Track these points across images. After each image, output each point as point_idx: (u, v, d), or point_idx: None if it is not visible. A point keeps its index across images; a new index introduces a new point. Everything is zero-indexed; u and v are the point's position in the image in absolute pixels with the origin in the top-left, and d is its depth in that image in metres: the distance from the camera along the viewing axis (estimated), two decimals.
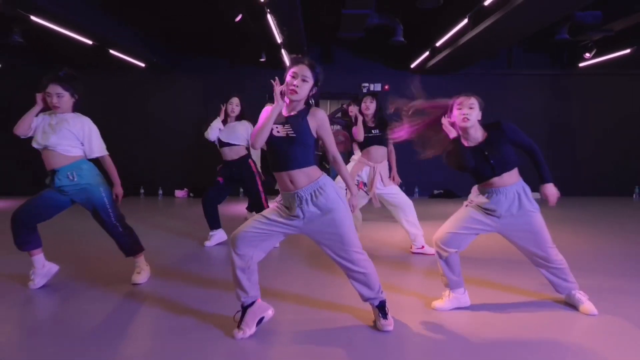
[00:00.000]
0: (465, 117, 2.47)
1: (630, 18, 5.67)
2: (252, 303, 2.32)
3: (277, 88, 2.20)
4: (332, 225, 2.21)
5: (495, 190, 2.52)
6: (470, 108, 2.48)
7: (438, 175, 8.22)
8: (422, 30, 6.85)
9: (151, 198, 8.55)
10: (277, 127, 2.20)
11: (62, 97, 2.93)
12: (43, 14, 5.11)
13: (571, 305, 2.65)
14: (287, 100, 2.23)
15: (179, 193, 8.76)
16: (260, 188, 4.31)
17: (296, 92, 2.18)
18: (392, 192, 4.03)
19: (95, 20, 5.87)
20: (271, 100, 2.26)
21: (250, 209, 5.87)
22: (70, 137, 2.92)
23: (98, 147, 3.04)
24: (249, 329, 2.29)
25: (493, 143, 2.49)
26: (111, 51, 6.84)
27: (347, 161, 5.79)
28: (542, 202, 2.60)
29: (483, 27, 5.28)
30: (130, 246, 3.18)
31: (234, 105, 4.28)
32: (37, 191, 3.05)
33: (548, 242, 2.54)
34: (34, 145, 2.98)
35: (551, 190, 2.54)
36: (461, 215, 2.62)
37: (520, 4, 4.49)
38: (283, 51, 6.96)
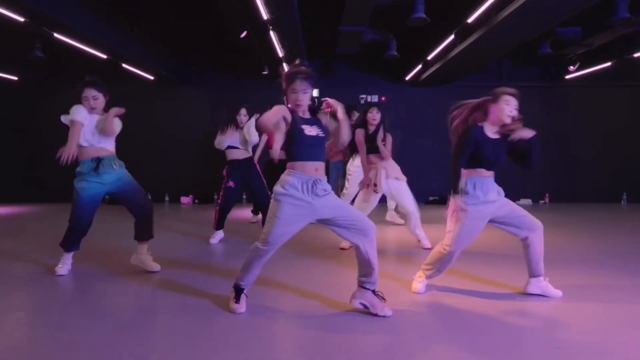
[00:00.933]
0: (512, 114, 2.71)
1: (607, 34, 6.09)
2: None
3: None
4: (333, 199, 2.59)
5: (484, 180, 2.78)
6: (516, 109, 2.73)
7: (434, 182, 8.58)
8: (414, 44, 7.28)
9: (158, 204, 8.91)
10: (308, 129, 2.51)
11: (97, 98, 3.31)
12: (64, 31, 5.56)
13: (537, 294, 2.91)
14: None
15: (185, 200, 9.13)
16: (266, 185, 4.60)
17: (300, 106, 2.53)
18: (397, 191, 4.34)
19: (109, 36, 6.33)
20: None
21: (255, 211, 6.22)
22: (112, 137, 3.38)
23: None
24: (242, 307, 2.64)
25: (503, 145, 2.78)
26: (123, 65, 7.29)
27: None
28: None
29: (468, 43, 5.70)
30: (150, 227, 3.52)
31: (242, 115, 4.62)
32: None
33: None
34: (82, 142, 3.30)
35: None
36: (467, 229, 2.79)
37: (501, 20, 4.91)
38: (284, 65, 7.41)
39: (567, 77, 8.33)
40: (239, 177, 4.63)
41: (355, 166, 5.37)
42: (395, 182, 4.32)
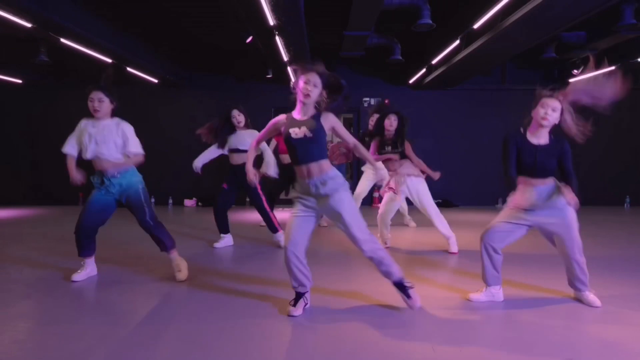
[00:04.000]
0: (546, 117, 2.66)
1: (612, 38, 6.10)
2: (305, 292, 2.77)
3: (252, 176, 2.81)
4: (336, 207, 2.61)
5: (532, 188, 2.77)
6: (554, 111, 2.66)
7: (436, 186, 8.56)
8: (418, 49, 7.30)
9: (161, 207, 8.93)
10: (294, 131, 2.60)
11: (103, 102, 3.27)
12: (70, 36, 5.57)
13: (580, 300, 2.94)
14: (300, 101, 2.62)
15: (188, 202, 9.14)
16: (261, 192, 4.66)
17: (309, 96, 2.56)
18: (416, 193, 4.39)
19: (114, 40, 6.34)
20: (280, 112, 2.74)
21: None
22: (113, 147, 3.32)
23: (134, 146, 3.37)
24: (298, 311, 2.71)
25: (549, 151, 2.74)
26: (128, 68, 7.30)
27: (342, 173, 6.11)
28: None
29: (473, 48, 5.71)
30: (166, 241, 3.50)
31: (237, 116, 4.62)
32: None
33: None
34: (87, 156, 3.32)
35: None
36: (505, 214, 2.89)
37: (507, 26, 4.92)
38: (289, 68, 7.43)
39: (571, 80, 8.33)
40: (234, 179, 4.67)
41: (367, 167, 5.56)
42: (412, 182, 4.36)
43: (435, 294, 3.16)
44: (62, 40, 5.56)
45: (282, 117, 2.71)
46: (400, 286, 2.77)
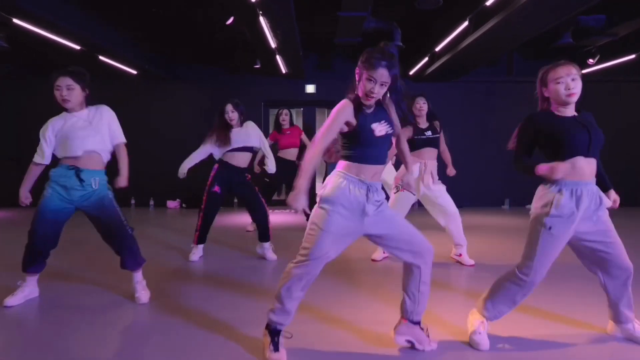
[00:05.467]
0: (572, 92, 2.07)
1: (636, 22, 5.48)
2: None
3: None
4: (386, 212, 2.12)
5: (576, 183, 2.08)
6: (573, 80, 2.08)
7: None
8: (420, 35, 6.67)
9: (142, 209, 8.28)
10: (377, 127, 2.04)
11: (73, 89, 2.72)
12: (26, 17, 4.90)
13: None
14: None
15: (171, 204, 8.49)
16: (259, 192, 4.10)
17: (373, 98, 2.01)
18: (438, 192, 3.89)
19: (83, 24, 5.66)
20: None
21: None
22: (100, 139, 2.77)
23: (120, 133, 2.90)
24: (282, 356, 2.08)
25: (587, 120, 2.15)
26: (100, 57, 6.63)
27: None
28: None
29: (484, 30, 5.08)
30: (139, 254, 2.95)
31: (230, 112, 3.98)
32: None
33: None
34: (65, 155, 2.76)
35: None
36: (546, 243, 2.10)
37: (524, 3, 4.29)
38: (278, 57, 6.77)
39: (584, 71, 7.71)
40: (227, 183, 4.01)
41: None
42: (433, 188, 3.87)
43: (448, 323, 2.53)
44: (16, 21, 4.88)
45: (347, 105, 2.04)
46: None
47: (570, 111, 2.14)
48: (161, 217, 7.33)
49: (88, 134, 2.73)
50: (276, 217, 6.98)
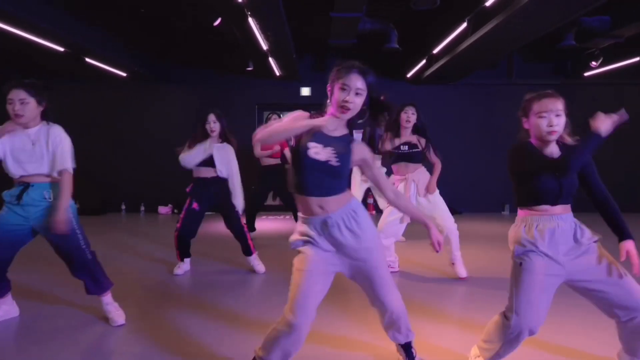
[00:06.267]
0: (553, 130, 1.82)
1: None
2: None
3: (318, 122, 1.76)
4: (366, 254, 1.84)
5: (544, 218, 1.88)
6: (557, 115, 1.84)
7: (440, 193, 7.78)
8: (418, 36, 6.46)
9: (133, 215, 8.07)
10: (316, 147, 1.77)
11: (27, 104, 2.48)
12: (8, 20, 4.70)
13: None
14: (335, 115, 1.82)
15: (163, 209, 8.27)
16: (240, 212, 3.86)
17: (349, 110, 1.76)
18: (432, 206, 3.65)
19: (65, 25, 5.44)
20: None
21: (250, 227, 5.46)
22: (42, 163, 2.53)
23: (65, 159, 2.57)
24: None
25: (565, 163, 1.84)
26: (87, 59, 6.42)
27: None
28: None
29: (484, 32, 4.87)
30: (102, 279, 2.71)
31: (212, 123, 3.72)
32: None
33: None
34: (11, 174, 2.55)
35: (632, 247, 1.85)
36: (531, 285, 1.86)
37: (525, 4, 4.09)
38: (270, 59, 6.56)
39: (587, 74, 7.51)
40: (205, 198, 3.77)
41: (356, 171, 4.65)
42: (424, 199, 3.65)
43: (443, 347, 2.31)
44: None
45: (304, 115, 1.85)
46: (408, 349, 2.07)
47: (550, 148, 1.90)
48: (152, 224, 7.11)
49: (29, 159, 2.51)
50: (268, 224, 6.77)
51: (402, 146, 3.66)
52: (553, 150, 1.90)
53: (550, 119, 1.82)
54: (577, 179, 1.89)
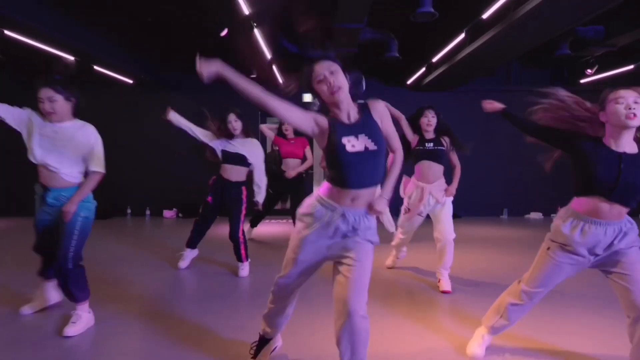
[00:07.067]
0: (633, 112, 1.86)
1: (635, 33, 5.43)
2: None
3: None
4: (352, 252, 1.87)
5: (595, 221, 1.95)
6: (636, 102, 1.89)
7: None
8: (417, 45, 6.62)
9: (138, 219, 8.22)
10: (349, 141, 1.80)
11: (55, 101, 2.57)
12: (19, 29, 4.87)
13: None
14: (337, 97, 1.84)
15: (168, 213, 8.43)
16: (243, 218, 4.02)
17: (340, 88, 1.80)
18: (439, 215, 3.58)
19: (76, 35, 5.63)
20: (325, 111, 1.92)
21: (254, 223, 5.68)
22: (73, 157, 2.63)
23: (99, 162, 2.69)
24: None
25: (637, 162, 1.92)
26: (96, 67, 6.59)
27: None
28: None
29: (481, 42, 5.03)
30: (75, 292, 2.68)
31: (233, 122, 3.95)
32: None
33: None
34: (30, 158, 2.63)
35: None
36: (544, 266, 2.10)
37: (521, 17, 4.25)
38: (274, 67, 6.72)
39: (583, 81, 7.67)
40: (221, 196, 3.99)
41: None
42: (438, 205, 3.60)
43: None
44: (8, 33, 4.84)
45: (321, 117, 1.88)
46: None
47: (626, 145, 1.94)
48: (157, 227, 7.25)
49: (50, 149, 2.60)
50: (274, 228, 6.92)
51: (427, 143, 3.62)
52: (628, 143, 1.95)
53: (629, 103, 1.89)
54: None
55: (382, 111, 1.91)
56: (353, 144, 1.79)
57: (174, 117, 4.02)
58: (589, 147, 1.97)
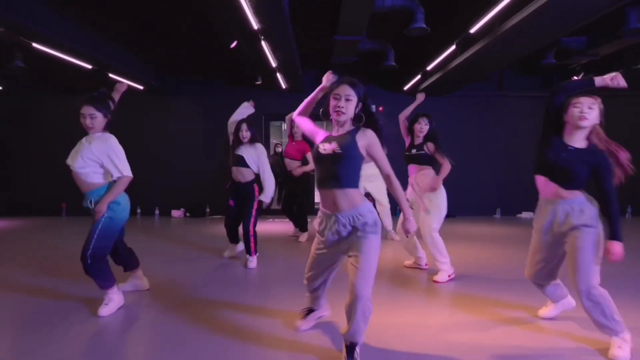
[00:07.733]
0: (584, 115, 2.29)
1: (614, 44, 5.83)
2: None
3: (326, 79, 2.40)
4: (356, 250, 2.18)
5: (545, 200, 2.50)
6: (590, 108, 2.31)
7: None
8: (413, 55, 7.03)
9: (148, 218, 8.61)
10: (324, 146, 2.24)
11: (95, 117, 2.94)
12: (44, 41, 5.27)
13: None
14: (334, 119, 2.28)
15: (176, 213, 8.82)
16: (254, 213, 4.41)
17: (343, 113, 2.22)
18: (432, 202, 3.87)
19: (95, 46, 6.04)
20: (325, 116, 2.37)
21: (299, 225, 6.08)
22: (91, 162, 2.94)
23: (123, 168, 2.98)
24: (309, 323, 2.72)
25: (582, 155, 2.33)
26: (110, 75, 7.00)
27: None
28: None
29: (470, 53, 5.43)
30: (99, 282, 3.02)
31: (244, 131, 4.39)
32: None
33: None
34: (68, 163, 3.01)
35: (616, 248, 2.27)
36: (534, 246, 2.62)
37: (506, 31, 4.65)
38: (278, 74, 7.14)
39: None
40: (238, 196, 4.50)
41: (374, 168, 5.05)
42: (426, 198, 3.90)
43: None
44: (35, 45, 5.25)
45: (320, 130, 2.43)
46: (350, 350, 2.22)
47: (577, 141, 2.37)
48: (166, 226, 7.63)
49: (75, 155, 2.95)
50: (278, 226, 7.28)
51: (412, 149, 3.99)
52: (579, 140, 2.39)
53: (583, 109, 2.32)
54: (583, 172, 2.31)
55: (370, 137, 2.21)
56: (325, 147, 2.23)
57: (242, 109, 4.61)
58: (553, 139, 2.44)
